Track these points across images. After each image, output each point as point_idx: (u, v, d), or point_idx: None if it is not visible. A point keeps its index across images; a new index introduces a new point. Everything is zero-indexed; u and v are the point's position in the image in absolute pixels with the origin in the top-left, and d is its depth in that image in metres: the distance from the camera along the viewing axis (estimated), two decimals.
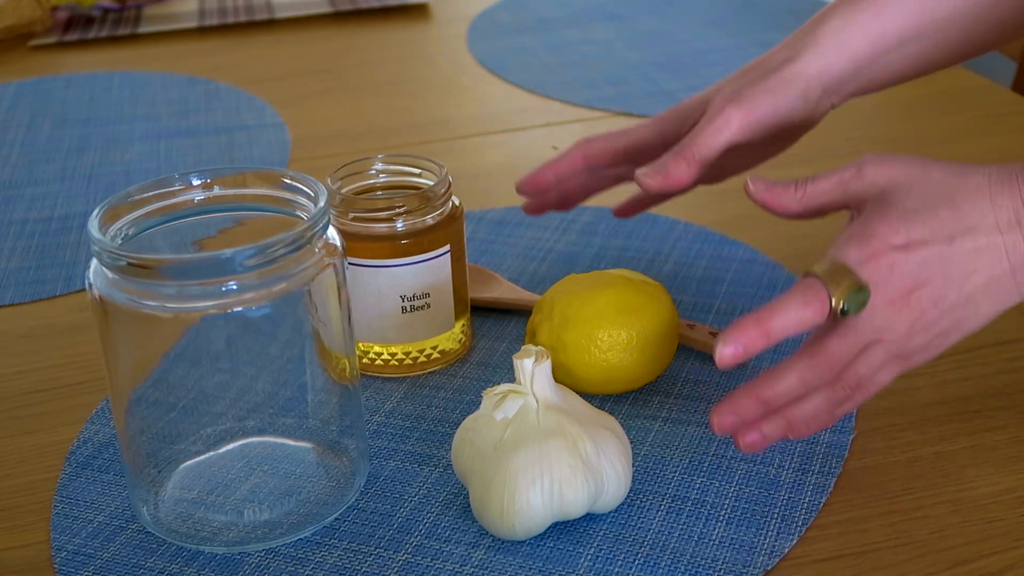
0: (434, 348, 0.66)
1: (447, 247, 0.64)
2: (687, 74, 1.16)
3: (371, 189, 0.67)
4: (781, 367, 0.54)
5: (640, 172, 0.62)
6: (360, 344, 0.66)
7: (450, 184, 0.65)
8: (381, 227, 0.63)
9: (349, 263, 0.63)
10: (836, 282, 0.52)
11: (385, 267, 0.63)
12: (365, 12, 1.43)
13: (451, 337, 0.67)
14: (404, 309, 0.64)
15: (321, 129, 1.07)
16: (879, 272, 0.53)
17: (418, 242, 0.63)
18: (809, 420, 0.54)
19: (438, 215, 0.64)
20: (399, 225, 0.63)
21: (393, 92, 1.16)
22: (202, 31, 1.39)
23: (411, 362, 0.66)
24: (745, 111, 0.61)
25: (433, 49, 1.30)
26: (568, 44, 1.27)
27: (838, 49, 0.62)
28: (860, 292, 0.52)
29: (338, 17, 1.41)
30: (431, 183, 0.65)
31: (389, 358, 0.66)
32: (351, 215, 0.63)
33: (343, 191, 0.65)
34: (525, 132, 1.03)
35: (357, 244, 0.63)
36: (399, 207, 0.63)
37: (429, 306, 0.65)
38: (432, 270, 0.64)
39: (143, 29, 1.39)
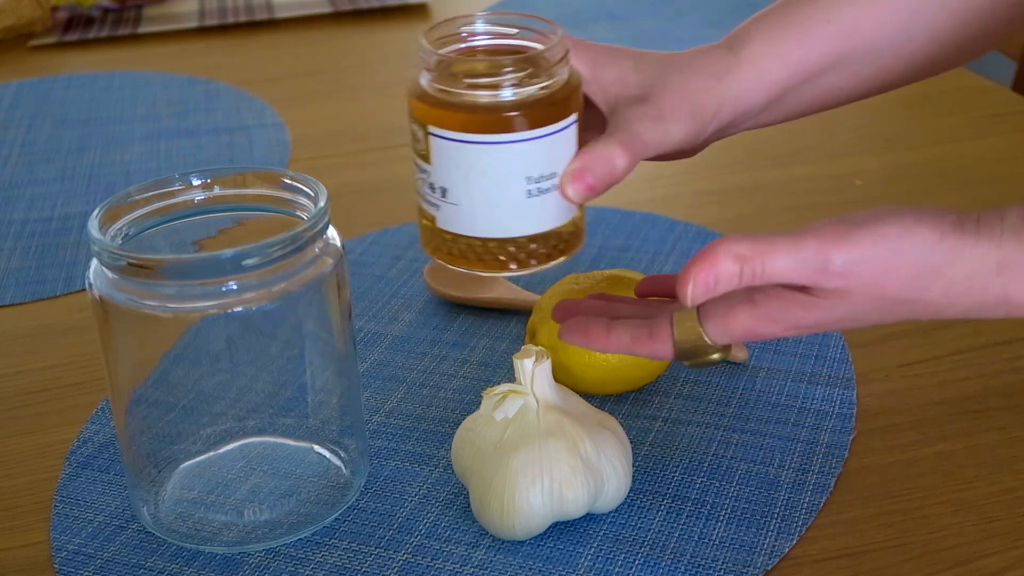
0: (557, 235, 0.56)
1: (575, 116, 0.54)
2: None
3: (467, 54, 0.56)
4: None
5: (561, 182, 0.56)
6: (475, 239, 0.54)
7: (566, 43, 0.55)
8: (502, 94, 0.52)
9: (450, 138, 0.52)
10: (691, 348, 0.52)
11: (508, 143, 0.52)
12: (365, 12, 1.43)
13: (574, 222, 0.56)
14: (530, 193, 0.53)
15: (321, 129, 1.07)
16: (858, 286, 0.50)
17: (546, 111, 0.52)
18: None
19: (562, 79, 0.53)
20: (520, 91, 0.52)
21: (393, 92, 1.16)
22: (202, 31, 1.39)
23: (535, 255, 0.55)
24: (632, 152, 0.56)
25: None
26: None
27: (756, 79, 0.59)
28: (710, 364, 0.52)
29: (338, 17, 1.41)
30: (532, 44, 0.55)
31: (513, 251, 0.55)
32: (467, 81, 0.52)
33: (443, 51, 0.55)
34: None
35: (461, 115, 0.52)
36: (524, 69, 0.52)
37: (555, 188, 0.54)
38: (560, 145, 0.53)
39: (143, 29, 1.39)
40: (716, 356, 0.52)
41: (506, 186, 0.53)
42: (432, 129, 0.53)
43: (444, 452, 0.61)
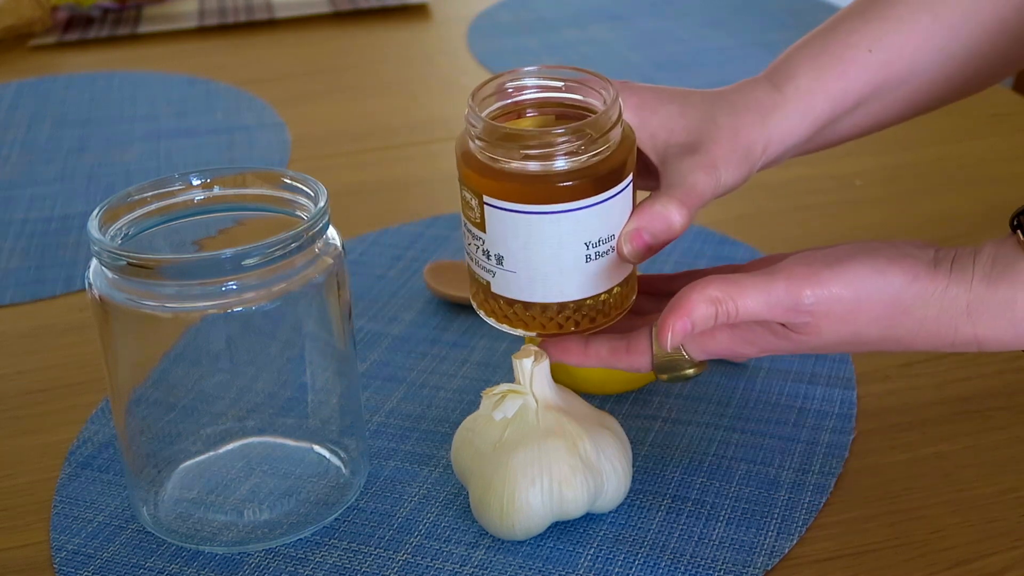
0: (612, 294, 0.55)
1: (630, 178, 0.53)
2: (687, 74, 1.16)
3: (515, 111, 0.55)
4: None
5: (619, 244, 0.56)
6: (533, 305, 0.54)
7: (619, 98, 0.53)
8: (559, 163, 0.51)
9: (507, 208, 0.51)
10: (666, 362, 0.53)
11: (567, 212, 0.51)
12: (365, 12, 1.43)
13: (629, 280, 0.56)
14: (588, 258, 0.53)
15: (321, 129, 1.07)
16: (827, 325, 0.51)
17: (603, 178, 0.51)
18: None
19: (616, 141, 0.52)
20: (578, 159, 0.51)
21: (393, 92, 1.16)
22: (202, 31, 1.39)
23: (594, 315, 0.55)
24: (689, 207, 0.55)
25: (433, 49, 1.30)
26: (568, 44, 1.27)
27: (801, 115, 0.59)
28: (685, 379, 0.54)
29: (338, 17, 1.41)
30: (581, 97, 0.54)
31: (572, 313, 0.54)
32: (523, 152, 0.50)
33: (486, 114, 0.53)
34: None
35: (518, 186, 0.51)
36: (582, 137, 0.51)
37: (612, 251, 0.53)
38: (617, 207, 0.53)
39: (143, 29, 1.39)
40: (692, 371, 0.54)
41: (565, 253, 0.52)
42: (487, 199, 0.52)
43: (444, 452, 0.61)
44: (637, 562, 0.53)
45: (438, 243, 0.82)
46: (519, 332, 0.55)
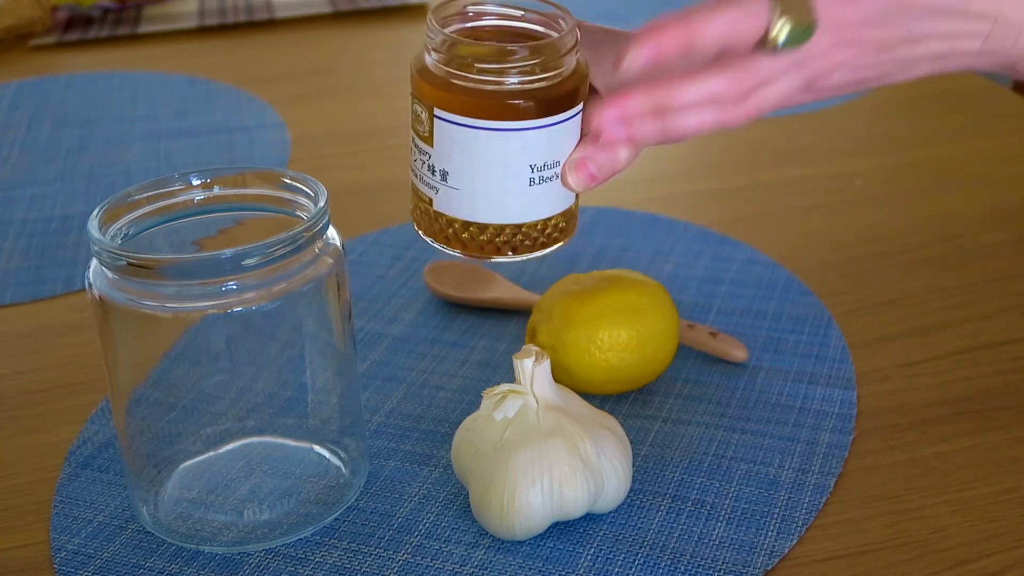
0: (553, 224, 0.56)
1: (580, 107, 0.54)
2: None
3: (476, 35, 0.55)
4: (696, 76, 0.49)
5: (563, 171, 0.55)
6: (472, 225, 0.54)
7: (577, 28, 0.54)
8: (512, 81, 0.51)
9: (456, 122, 0.52)
10: (786, 9, 0.47)
11: (515, 130, 0.52)
12: (365, 12, 1.43)
13: (570, 209, 0.57)
14: (532, 181, 0.54)
15: (321, 129, 1.07)
16: (834, 8, 0.48)
17: (555, 101, 0.52)
18: (682, 128, 0.50)
19: (570, 68, 0.53)
20: (531, 79, 0.52)
21: (393, 92, 1.16)
22: (202, 31, 1.39)
23: (531, 242, 0.55)
24: (635, 143, 0.54)
25: None
26: None
27: None
28: (805, 32, 0.48)
29: (338, 17, 1.41)
30: (540, 28, 0.55)
31: (510, 237, 0.55)
32: (479, 66, 0.51)
33: (449, 31, 0.53)
34: None
35: (470, 100, 0.51)
36: (537, 58, 0.51)
37: (556, 176, 0.54)
38: (565, 134, 0.53)
39: (143, 29, 1.39)
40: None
41: (510, 173, 0.53)
42: (438, 112, 0.52)
43: (444, 452, 0.61)
44: (637, 562, 0.53)
45: None
46: (455, 253, 0.55)
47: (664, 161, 0.94)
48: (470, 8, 0.55)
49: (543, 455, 0.52)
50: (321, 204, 0.53)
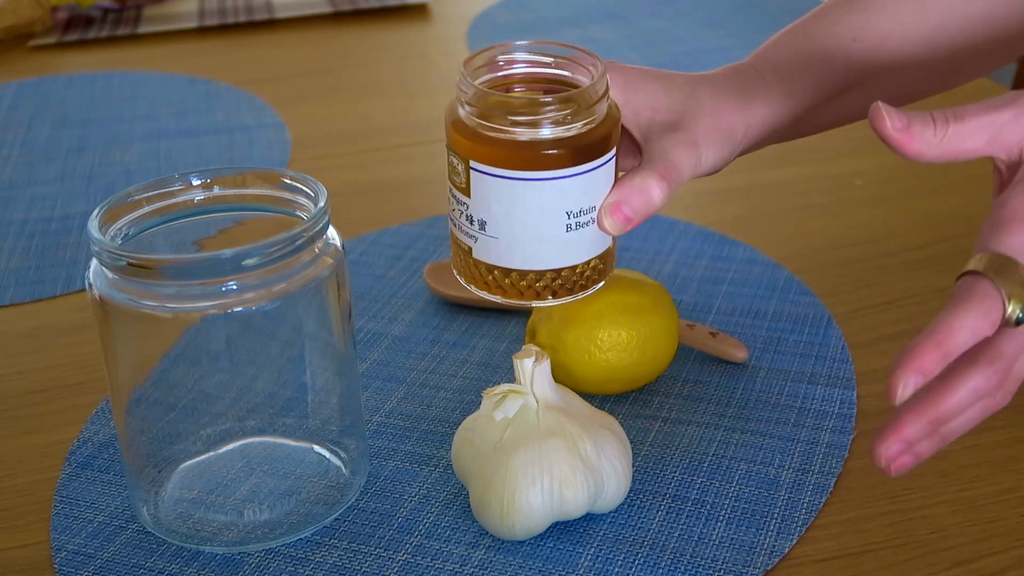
0: (592, 267, 0.56)
1: (614, 151, 0.54)
2: None
3: (504, 84, 0.56)
4: (950, 380, 0.47)
5: (599, 216, 0.56)
6: (512, 272, 0.55)
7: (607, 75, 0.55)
8: (544, 132, 0.52)
9: (491, 174, 0.53)
10: (1007, 283, 0.46)
11: (550, 180, 0.52)
12: (365, 12, 1.43)
13: (608, 251, 0.57)
14: (568, 227, 0.54)
15: (321, 129, 1.07)
16: None
17: (588, 148, 0.53)
18: (957, 432, 0.48)
19: (602, 115, 0.54)
20: (565, 129, 0.52)
21: (393, 92, 1.16)
22: (202, 31, 1.39)
23: (571, 285, 0.56)
24: (668, 182, 0.55)
25: (433, 49, 1.30)
26: None
27: (782, 101, 0.59)
28: None
29: (338, 17, 1.41)
30: (570, 74, 0.55)
31: (549, 282, 0.55)
32: (511, 118, 0.52)
33: (478, 83, 0.54)
34: None
35: (507, 152, 0.52)
36: (569, 107, 0.52)
37: (592, 221, 0.55)
38: (600, 179, 0.54)
39: (143, 29, 1.39)
40: None
41: (546, 221, 0.53)
42: (473, 164, 0.53)
43: (444, 452, 0.61)
44: (637, 562, 0.53)
45: (438, 243, 0.82)
46: (497, 299, 0.56)
47: None
48: (500, 57, 0.55)
49: (543, 455, 0.52)
50: (321, 204, 0.53)
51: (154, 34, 1.38)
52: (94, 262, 0.52)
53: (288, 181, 0.56)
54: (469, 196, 0.54)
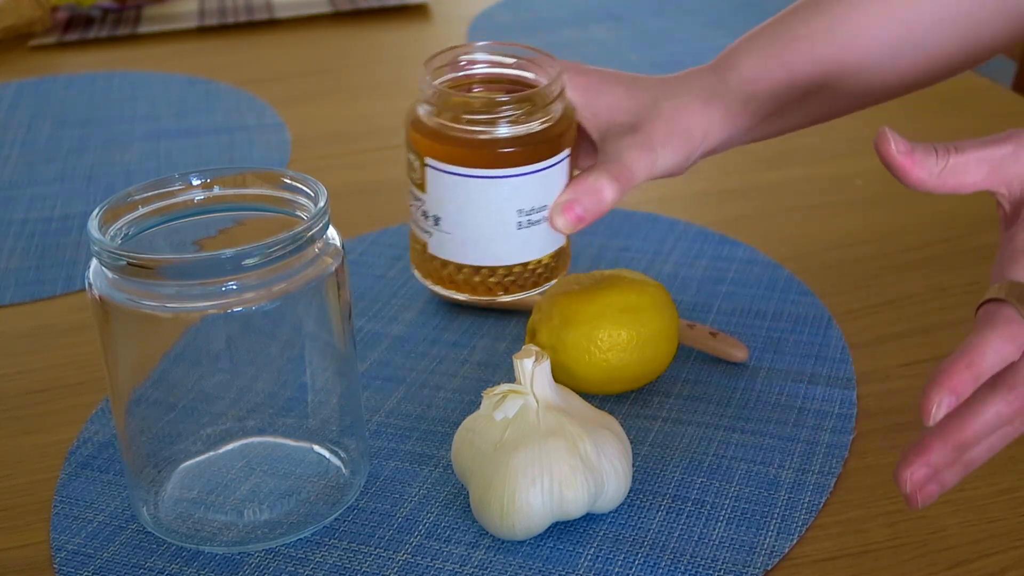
0: (544, 265, 0.58)
1: (567, 151, 0.55)
2: None
3: (465, 83, 0.57)
4: (974, 406, 0.47)
5: (551, 214, 0.56)
6: (464, 267, 0.56)
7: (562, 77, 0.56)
8: (499, 131, 0.53)
9: (446, 171, 0.54)
10: None
11: (504, 177, 0.54)
12: (365, 12, 1.43)
13: (561, 249, 0.58)
14: (520, 224, 0.55)
15: (321, 129, 1.07)
16: None
17: (541, 148, 0.54)
18: (979, 460, 0.48)
19: (556, 115, 0.55)
20: (518, 128, 0.53)
21: (393, 92, 1.16)
22: (202, 31, 1.39)
23: (522, 281, 0.57)
24: (621, 183, 0.55)
25: (433, 49, 1.30)
26: (568, 44, 1.27)
27: (743, 105, 0.59)
28: None
29: (338, 17, 1.41)
30: (530, 75, 0.56)
31: (501, 278, 0.57)
32: (465, 117, 0.53)
33: (438, 83, 0.55)
34: None
35: (460, 150, 0.53)
36: (521, 108, 0.53)
37: (544, 220, 0.56)
38: (553, 179, 0.55)
39: (143, 29, 1.39)
40: None
41: (498, 218, 0.55)
42: (428, 160, 0.54)
43: (444, 452, 0.61)
44: (637, 562, 0.53)
45: None
46: (450, 293, 0.58)
47: None
48: (462, 57, 0.57)
49: (543, 455, 0.52)
50: (321, 204, 0.53)
51: (154, 34, 1.38)
52: (94, 262, 0.52)
53: (288, 181, 0.56)
54: (425, 192, 0.55)
